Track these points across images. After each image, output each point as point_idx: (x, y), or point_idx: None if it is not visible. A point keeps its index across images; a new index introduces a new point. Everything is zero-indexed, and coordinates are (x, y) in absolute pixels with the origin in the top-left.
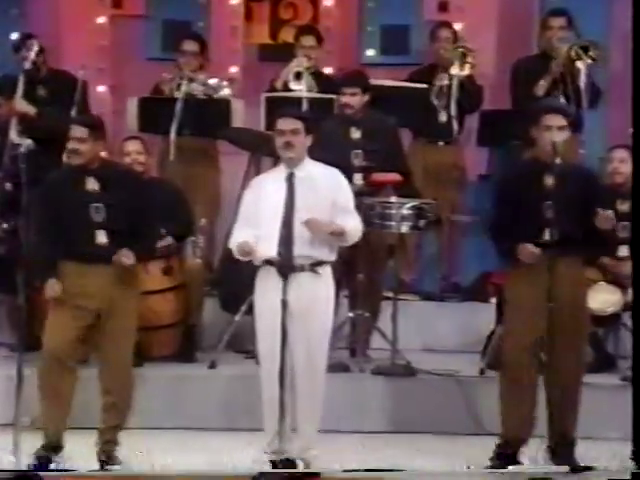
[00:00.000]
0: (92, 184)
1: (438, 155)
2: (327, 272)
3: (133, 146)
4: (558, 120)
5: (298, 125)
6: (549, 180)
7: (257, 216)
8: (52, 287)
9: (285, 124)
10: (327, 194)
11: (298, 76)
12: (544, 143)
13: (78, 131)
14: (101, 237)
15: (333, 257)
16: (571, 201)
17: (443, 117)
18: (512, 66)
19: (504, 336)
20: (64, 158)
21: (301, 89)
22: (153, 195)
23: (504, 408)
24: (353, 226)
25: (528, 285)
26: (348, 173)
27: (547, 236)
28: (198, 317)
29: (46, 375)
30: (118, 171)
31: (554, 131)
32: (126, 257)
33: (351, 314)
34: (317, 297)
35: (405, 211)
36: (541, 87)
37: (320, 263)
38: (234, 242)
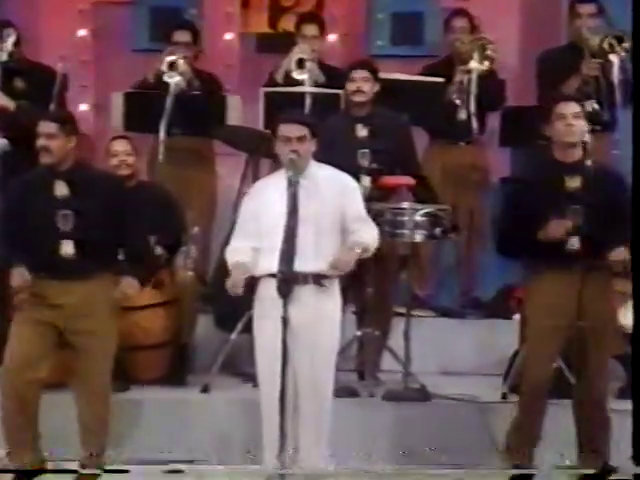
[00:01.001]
0: (61, 188)
1: (457, 156)
2: (334, 285)
3: (121, 146)
4: (572, 107)
5: (304, 131)
6: (574, 182)
7: (257, 227)
8: (19, 275)
9: (289, 131)
10: (335, 201)
11: (301, 63)
12: (559, 133)
13: (47, 127)
14: (67, 248)
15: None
16: (599, 206)
17: (462, 115)
18: (537, 58)
19: (524, 358)
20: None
21: (305, 78)
22: (138, 202)
23: (515, 433)
24: (371, 236)
25: (551, 300)
26: (354, 175)
27: (574, 244)
28: (190, 335)
29: (8, 391)
30: (93, 174)
31: (569, 118)
32: (130, 287)
33: (359, 332)
34: (323, 313)
35: (419, 218)
36: (570, 86)
37: (324, 276)
38: (231, 257)
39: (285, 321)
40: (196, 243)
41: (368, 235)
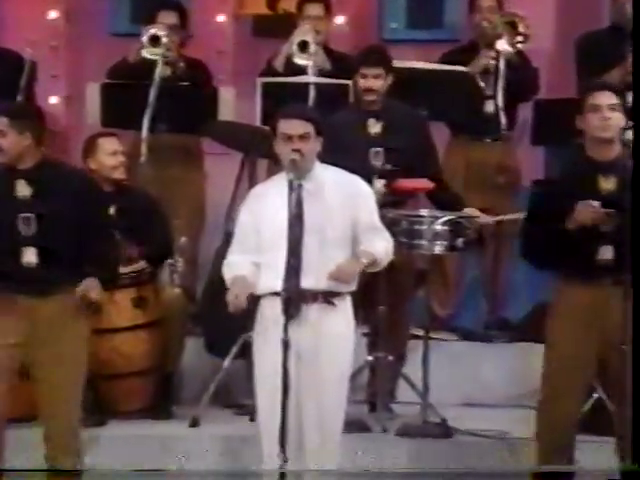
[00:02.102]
0: (23, 189)
1: (483, 155)
2: (345, 304)
3: (115, 145)
4: (608, 97)
5: (308, 128)
6: (608, 183)
7: (257, 240)
8: None
9: (291, 127)
10: (344, 208)
11: (304, 47)
12: (592, 127)
13: None
14: (29, 256)
15: (353, 286)
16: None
17: (489, 107)
18: (576, 42)
19: (542, 391)
20: None
21: (308, 65)
22: (119, 205)
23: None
24: (384, 248)
25: (577, 322)
26: (365, 178)
27: (607, 254)
28: (177, 362)
29: None
30: (60, 173)
31: (604, 110)
32: (92, 289)
33: (370, 357)
34: (333, 336)
35: (439, 227)
36: (613, 76)
37: (335, 294)
38: (228, 272)
39: (286, 344)
40: (184, 255)
41: (380, 246)
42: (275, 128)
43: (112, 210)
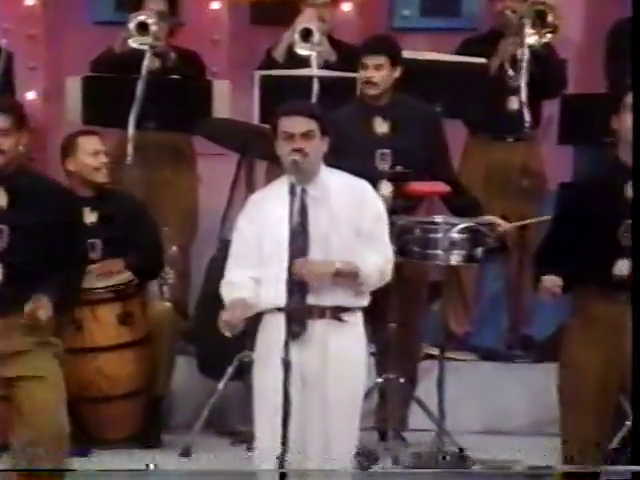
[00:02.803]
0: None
1: (505, 156)
2: (356, 320)
3: (97, 144)
4: None
5: (312, 126)
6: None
7: (258, 253)
8: None
9: (293, 125)
10: (351, 217)
11: (307, 36)
12: (626, 129)
13: None
14: None
15: (364, 302)
16: None
17: (512, 103)
18: (608, 33)
19: (562, 418)
20: None
21: (312, 55)
22: (101, 211)
23: None
24: (374, 264)
25: (593, 342)
26: (372, 181)
27: (623, 269)
28: (167, 384)
29: None
30: (35, 181)
31: None
32: (41, 308)
33: (380, 379)
34: (342, 355)
35: (455, 235)
36: None
37: (344, 309)
38: (227, 293)
39: (287, 365)
40: (174, 266)
41: (370, 260)
42: (275, 126)
43: (94, 217)
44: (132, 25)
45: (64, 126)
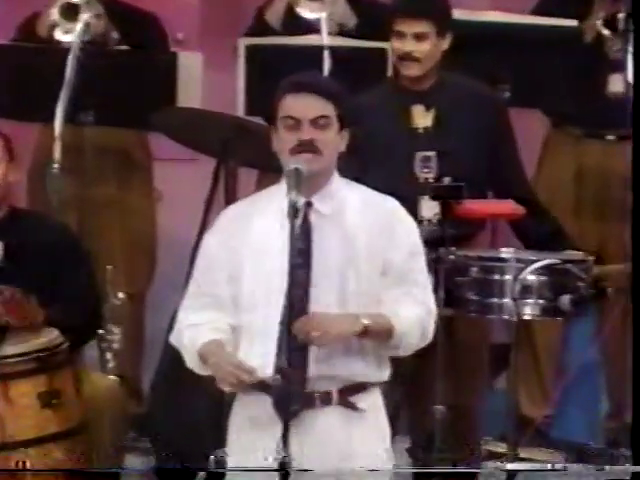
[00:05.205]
0: None
1: (605, 159)
2: (375, 403)
3: None
4: None
5: (328, 110)
6: None
7: (232, 289)
8: None
9: (302, 107)
10: (375, 247)
11: None
12: None
13: None
14: None
15: (385, 375)
16: None
17: (616, 85)
18: None
19: None
20: None
21: (322, 17)
22: (7, 241)
23: None
24: (411, 317)
25: None
26: (409, 198)
27: None
28: None
29: None
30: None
31: None
32: None
33: None
34: (356, 455)
35: (531, 277)
36: None
37: (360, 387)
38: (193, 338)
39: (283, 467)
40: (120, 322)
41: (407, 313)
42: (275, 110)
43: None
44: (56, 9)
45: None
